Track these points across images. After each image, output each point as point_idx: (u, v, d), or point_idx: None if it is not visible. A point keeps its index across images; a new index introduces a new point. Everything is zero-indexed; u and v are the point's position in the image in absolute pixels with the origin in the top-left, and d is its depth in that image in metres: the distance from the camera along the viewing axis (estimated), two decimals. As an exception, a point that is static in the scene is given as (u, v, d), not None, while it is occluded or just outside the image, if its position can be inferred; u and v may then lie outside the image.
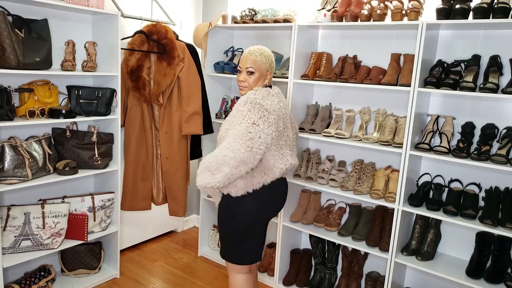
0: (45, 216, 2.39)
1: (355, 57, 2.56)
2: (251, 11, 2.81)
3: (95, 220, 2.66)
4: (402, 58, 2.40)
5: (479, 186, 2.25)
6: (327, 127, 2.64)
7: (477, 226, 2.04)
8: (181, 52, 2.74)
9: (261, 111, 1.79)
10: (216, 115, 3.09)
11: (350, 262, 2.65)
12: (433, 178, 2.41)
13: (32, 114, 2.22)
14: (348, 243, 2.47)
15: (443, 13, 2.07)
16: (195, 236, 3.58)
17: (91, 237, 2.62)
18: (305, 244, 2.98)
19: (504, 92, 1.96)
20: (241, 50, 3.07)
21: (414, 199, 2.27)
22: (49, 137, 2.45)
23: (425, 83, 2.15)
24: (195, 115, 2.77)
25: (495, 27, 2.10)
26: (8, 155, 2.16)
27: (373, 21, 2.30)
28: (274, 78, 2.65)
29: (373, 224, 2.50)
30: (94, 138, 2.55)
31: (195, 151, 3.04)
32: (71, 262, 2.71)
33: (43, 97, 2.36)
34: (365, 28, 2.52)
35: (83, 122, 2.67)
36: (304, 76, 2.58)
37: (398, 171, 2.38)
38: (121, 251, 3.12)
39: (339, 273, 2.76)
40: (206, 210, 3.24)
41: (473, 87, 2.03)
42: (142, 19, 2.89)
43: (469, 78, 2.08)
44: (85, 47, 2.56)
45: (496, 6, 1.95)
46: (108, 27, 2.57)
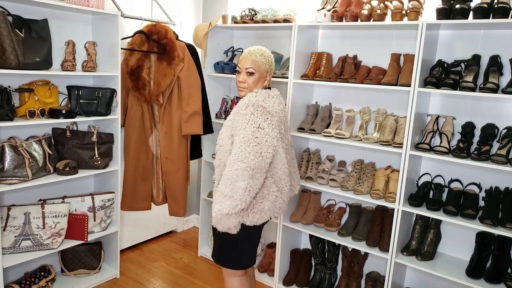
0: (45, 216, 2.39)
1: (355, 57, 2.56)
2: (251, 11, 2.81)
3: (95, 220, 2.66)
4: (402, 58, 2.40)
5: (479, 186, 2.25)
6: (327, 127, 2.64)
7: (477, 226, 2.04)
8: (181, 52, 2.74)
9: (265, 113, 1.74)
10: (216, 115, 3.09)
11: (350, 262, 2.65)
12: (433, 178, 2.41)
13: (32, 114, 2.22)
14: (348, 243, 2.47)
15: (443, 13, 2.07)
16: (195, 236, 3.58)
17: (91, 237, 2.62)
18: (305, 244, 2.98)
19: (504, 92, 1.96)
20: (241, 50, 3.07)
21: (414, 199, 2.27)
22: (49, 137, 2.45)
23: (425, 83, 2.15)
24: (195, 115, 2.77)
25: (495, 27, 2.10)
26: (8, 155, 2.16)
27: (373, 21, 2.30)
28: (274, 78, 2.65)
29: (373, 224, 2.50)
30: (94, 138, 2.55)
31: (195, 151, 3.05)
32: (71, 262, 2.71)
33: (43, 97, 2.36)
34: (365, 28, 2.52)
35: (83, 122, 2.67)
36: (304, 76, 2.58)
37: (398, 171, 2.38)
38: (121, 251, 3.12)
39: (339, 273, 2.76)
40: (206, 210, 3.24)
41: (473, 87, 2.03)
42: (142, 19, 2.89)
43: (469, 78, 2.08)
44: (85, 47, 2.56)
45: (496, 6, 1.95)
46: (108, 27, 2.57)
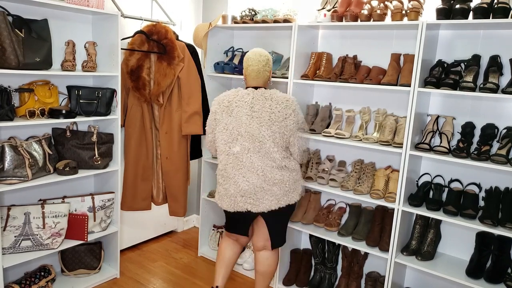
0: (45, 216, 2.39)
1: (355, 57, 2.56)
2: (251, 11, 2.81)
3: (95, 220, 2.66)
4: (402, 58, 2.40)
5: (479, 186, 2.25)
6: (327, 127, 2.64)
7: (477, 226, 2.04)
8: (181, 52, 2.74)
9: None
10: (216, 115, 3.09)
11: (350, 262, 2.65)
12: (433, 178, 2.42)
13: (32, 114, 2.22)
14: (348, 243, 2.47)
15: (443, 13, 2.07)
16: (195, 236, 3.58)
17: (91, 237, 2.62)
18: (305, 244, 2.98)
19: (504, 92, 1.96)
20: (241, 50, 3.07)
21: (414, 199, 2.27)
22: (49, 137, 2.45)
23: (425, 83, 2.15)
24: (195, 115, 2.77)
25: (495, 27, 2.10)
26: (8, 155, 2.16)
27: (373, 21, 2.30)
28: (274, 78, 2.66)
29: (373, 224, 2.50)
30: (94, 138, 2.55)
31: (195, 151, 3.05)
32: (71, 262, 2.71)
33: (43, 97, 2.36)
34: (365, 28, 2.52)
35: (83, 122, 2.67)
36: (304, 76, 2.58)
37: (398, 171, 2.38)
38: (121, 251, 3.12)
39: (339, 273, 2.76)
40: (206, 210, 3.24)
41: (473, 87, 2.03)
42: (142, 19, 2.89)
43: (469, 78, 2.08)
44: (85, 47, 2.56)
45: (496, 6, 1.95)
46: (108, 27, 2.57)
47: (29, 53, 2.14)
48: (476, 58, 2.16)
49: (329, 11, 2.50)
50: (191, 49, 2.89)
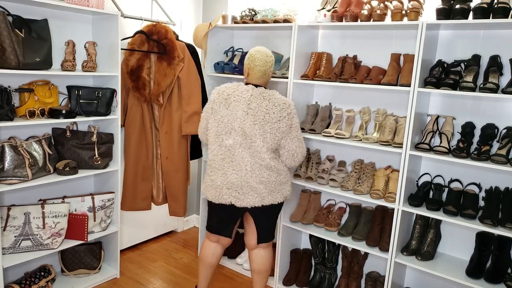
0: (45, 216, 2.39)
1: (355, 57, 2.56)
2: (251, 11, 2.81)
3: (95, 220, 2.66)
4: (402, 58, 2.40)
5: (479, 186, 2.25)
6: (327, 127, 2.64)
7: (477, 226, 2.04)
8: (181, 52, 2.75)
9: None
10: (216, 115, 3.09)
11: (350, 262, 2.65)
12: (433, 178, 2.42)
13: (32, 114, 2.22)
14: (348, 243, 2.47)
15: (443, 13, 2.07)
16: (195, 236, 3.58)
17: (91, 237, 2.62)
18: (305, 244, 2.98)
19: (504, 92, 1.96)
20: (241, 50, 3.07)
21: (414, 199, 2.27)
22: (49, 137, 2.45)
23: (425, 83, 2.15)
24: (195, 115, 2.77)
25: (495, 27, 2.10)
26: (8, 155, 2.16)
27: (373, 21, 2.30)
28: (274, 78, 2.66)
29: (373, 224, 2.50)
30: (94, 138, 2.55)
31: (195, 151, 3.05)
32: (71, 262, 2.71)
33: (43, 97, 2.36)
34: (365, 28, 2.52)
35: (83, 122, 2.67)
36: (304, 76, 2.58)
37: (398, 171, 2.38)
38: (121, 251, 3.12)
39: (339, 273, 2.76)
40: (206, 210, 3.23)
41: (473, 87, 2.03)
42: (142, 19, 2.89)
43: (469, 78, 2.08)
44: (85, 47, 2.56)
45: (496, 6, 1.95)
46: (108, 27, 2.57)
47: (29, 53, 2.14)
48: (476, 58, 2.16)
49: (329, 11, 2.50)
50: (191, 49, 2.89)
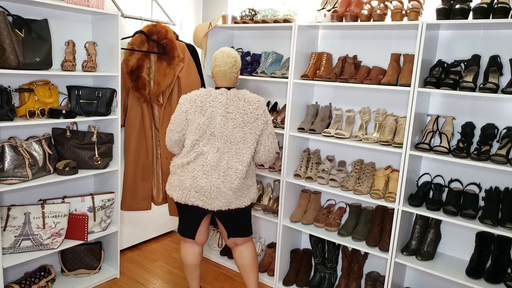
0: (45, 216, 2.39)
1: (355, 57, 2.56)
2: (251, 11, 2.81)
3: (95, 220, 2.66)
4: (402, 58, 2.40)
5: (479, 186, 2.25)
6: (327, 127, 2.64)
7: (477, 226, 2.04)
8: (181, 52, 2.75)
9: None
10: (216, 115, 3.09)
11: (350, 262, 2.65)
12: (433, 178, 2.42)
13: (32, 114, 2.22)
14: (348, 243, 2.47)
15: (443, 13, 2.07)
16: (195, 236, 3.59)
17: (91, 237, 2.62)
18: (305, 244, 2.98)
19: (504, 92, 1.96)
20: (241, 50, 3.07)
21: (414, 199, 2.27)
22: (49, 137, 2.45)
23: (425, 83, 2.15)
24: (195, 115, 2.77)
25: (495, 27, 2.10)
26: (8, 155, 2.16)
27: (373, 21, 2.30)
28: (274, 78, 2.66)
29: (373, 224, 2.50)
30: (94, 138, 2.55)
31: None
32: (71, 262, 2.71)
33: (43, 97, 2.36)
34: (365, 28, 2.52)
35: (83, 122, 2.67)
36: (304, 76, 2.58)
37: (398, 171, 2.38)
38: (121, 251, 3.12)
39: (339, 273, 2.77)
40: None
41: (473, 87, 2.03)
42: (142, 19, 2.89)
43: (469, 78, 2.08)
44: (85, 47, 2.56)
45: (496, 6, 1.95)
46: (108, 27, 2.57)
47: (29, 53, 2.14)
48: (476, 58, 2.16)
49: (329, 11, 2.50)
50: (191, 49, 2.89)
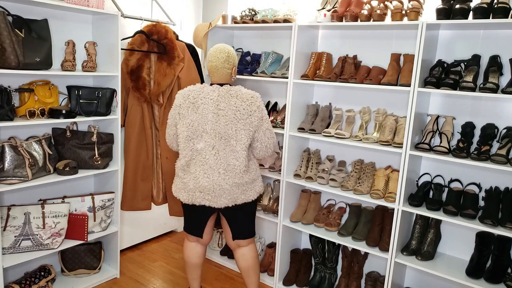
0: (45, 216, 2.39)
1: (355, 57, 2.56)
2: (251, 11, 2.81)
3: (95, 220, 2.66)
4: (402, 58, 2.40)
5: (479, 186, 2.25)
6: (327, 127, 2.64)
7: (477, 226, 2.04)
8: (181, 52, 2.75)
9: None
10: (216, 115, 3.09)
11: (350, 262, 2.65)
12: (433, 178, 2.42)
13: (32, 114, 2.22)
14: (348, 243, 2.47)
15: (443, 13, 2.07)
16: (195, 236, 3.59)
17: (91, 237, 2.62)
18: (305, 244, 2.98)
19: (504, 92, 1.96)
20: (241, 50, 3.07)
21: (414, 199, 2.27)
22: (49, 137, 2.45)
23: (425, 83, 2.15)
24: (195, 115, 2.77)
25: (495, 27, 2.10)
26: (8, 155, 2.16)
27: (373, 21, 2.30)
28: (274, 78, 2.66)
29: (373, 224, 2.50)
30: (94, 138, 2.55)
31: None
32: (71, 262, 2.71)
33: (43, 97, 2.36)
34: (365, 28, 2.52)
35: (83, 122, 2.67)
36: (304, 76, 2.58)
37: (398, 171, 2.38)
38: (121, 251, 3.12)
39: (339, 273, 2.77)
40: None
41: (473, 87, 2.03)
42: (142, 19, 2.89)
43: (469, 78, 2.08)
44: (85, 47, 2.56)
45: (496, 6, 1.95)
46: (108, 27, 2.57)
47: (29, 53, 2.14)
48: (476, 58, 2.16)
49: (329, 11, 2.50)
50: (191, 49, 2.89)
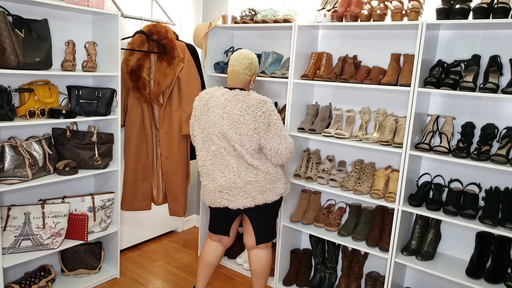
0: (45, 216, 2.39)
1: (355, 57, 2.56)
2: (251, 11, 2.81)
3: (95, 220, 2.66)
4: (402, 58, 2.40)
5: (479, 186, 2.25)
6: (327, 127, 2.64)
7: (477, 226, 2.04)
8: (181, 52, 2.75)
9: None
10: (216, 115, 3.09)
11: (350, 262, 2.65)
12: (433, 178, 2.42)
13: (32, 114, 2.22)
14: (348, 243, 2.47)
15: (443, 13, 2.07)
16: (195, 236, 3.58)
17: (91, 237, 2.62)
18: (305, 244, 2.98)
19: (504, 92, 1.96)
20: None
21: (414, 199, 2.27)
22: (49, 137, 2.45)
23: (425, 83, 2.15)
24: (195, 115, 2.77)
25: (495, 27, 2.10)
26: (8, 155, 2.16)
27: (373, 21, 2.30)
28: (274, 78, 2.66)
29: (373, 224, 2.50)
30: (94, 138, 2.55)
31: (195, 151, 3.04)
32: (71, 262, 2.71)
33: (43, 97, 2.36)
34: (365, 28, 2.52)
35: (83, 122, 2.67)
36: (304, 76, 2.58)
37: (398, 171, 2.38)
38: (121, 251, 3.12)
39: (339, 273, 2.77)
40: (206, 210, 3.23)
41: (473, 87, 2.03)
42: (142, 19, 2.89)
43: (469, 78, 2.08)
44: (85, 47, 2.56)
45: (496, 6, 1.95)
46: (108, 27, 2.57)
47: (29, 53, 2.14)
48: (476, 58, 2.16)
49: (329, 11, 2.50)
50: (191, 49, 2.89)
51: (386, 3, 2.30)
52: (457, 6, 2.03)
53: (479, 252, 2.20)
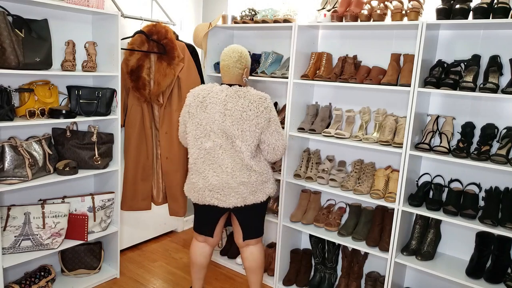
0: (45, 216, 2.39)
1: (355, 57, 2.56)
2: (251, 11, 2.81)
3: (95, 220, 2.66)
4: (402, 58, 2.40)
5: (479, 186, 2.25)
6: (327, 127, 2.64)
7: (477, 226, 2.04)
8: (181, 52, 2.75)
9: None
10: (216, 115, 3.09)
11: (350, 262, 2.65)
12: (433, 178, 2.42)
13: (32, 114, 2.22)
14: (348, 243, 2.47)
15: (443, 13, 2.07)
16: (195, 236, 3.59)
17: (91, 237, 2.62)
18: (305, 244, 2.98)
19: (504, 92, 1.96)
20: (241, 50, 3.07)
21: (414, 199, 2.27)
22: (49, 137, 2.45)
23: (425, 83, 2.15)
24: (195, 115, 2.77)
25: (495, 27, 2.10)
26: (8, 155, 2.16)
27: (373, 21, 2.30)
28: (274, 78, 2.66)
29: (373, 224, 2.50)
30: (94, 138, 2.55)
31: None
32: (71, 262, 2.71)
33: (43, 97, 2.36)
34: (365, 28, 2.52)
35: (83, 122, 2.67)
36: (304, 76, 2.58)
37: (398, 171, 2.38)
38: (121, 251, 3.12)
39: (339, 273, 2.77)
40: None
41: (473, 87, 2.03)
42: (142, 19, 2.89)
43: (469, 78, 2.08)
44: (85, 47, 2.56)
45: (496, 6, 1.95)
46: (108, 27, 2.57)
47: (29, 53, 2.14)
48: (476, 58, 2.16)
49: (329, 11, 2.50)
50: (191, 49, 2.89)
51: (386, 3, 2.30)
52: (457, 6, 2.03)
53: (479, 252, 2.20)
